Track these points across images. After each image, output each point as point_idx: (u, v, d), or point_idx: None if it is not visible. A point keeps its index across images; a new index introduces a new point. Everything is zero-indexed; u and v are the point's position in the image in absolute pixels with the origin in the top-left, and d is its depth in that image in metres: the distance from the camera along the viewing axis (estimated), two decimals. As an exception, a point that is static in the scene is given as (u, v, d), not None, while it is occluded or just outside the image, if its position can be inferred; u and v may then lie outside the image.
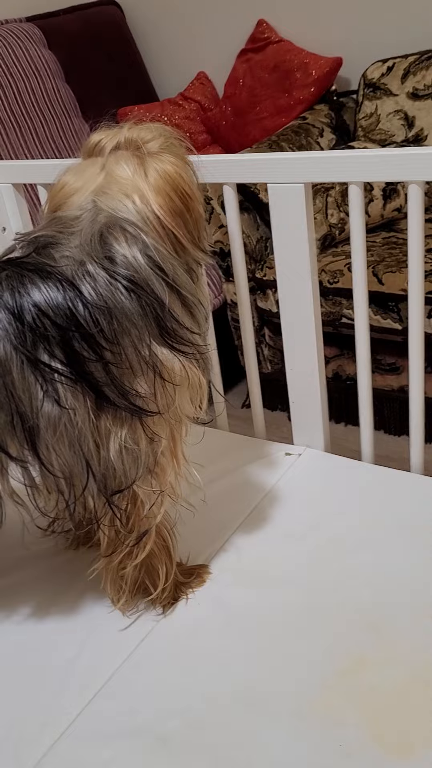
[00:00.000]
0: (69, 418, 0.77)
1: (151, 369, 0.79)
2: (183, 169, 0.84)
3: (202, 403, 0.87)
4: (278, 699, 0.80)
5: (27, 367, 0.76)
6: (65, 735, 0.80)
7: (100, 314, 0.76)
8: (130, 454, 0.81)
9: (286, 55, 2.33)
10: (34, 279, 0.77)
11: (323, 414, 1.20)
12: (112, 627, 0.92)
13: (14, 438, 0.79)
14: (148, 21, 2.66)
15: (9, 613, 0.97)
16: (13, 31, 2.24)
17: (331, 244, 2.00)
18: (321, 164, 1.02)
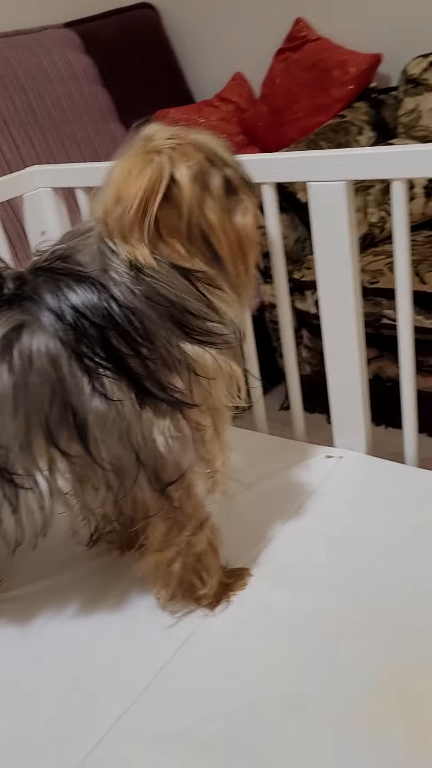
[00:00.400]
0: (117, 410, 0.80)
1: (184, 366, 0.81)
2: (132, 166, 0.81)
3: (239, 392, 0.88)
4: (322, 705, 0.79)
5: (75, 362, 0.79)
6: (108, 736, 0.80)
7: (131, 314, 0.79)
8: (177, 442, 0.83)
9: (324, 53, 2.31)
10: (69, 282, 0.80)
11: (365, 416, 1.19)
12: (154, 629, 0.92)
13: (66, 432, 0.81)
14: (184, 23, 2.66)
15: (52, 614, 0.98)
16: (51, 38, 2.27)
17: (371, 243, 1.97)
18: (362, 161, 1.00)
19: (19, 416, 0.79)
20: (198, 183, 0.81)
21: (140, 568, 0.92)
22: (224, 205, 0.84)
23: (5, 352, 0.78)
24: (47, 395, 0.79)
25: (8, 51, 2.11)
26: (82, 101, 2.27)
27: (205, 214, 0.82)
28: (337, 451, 1.21)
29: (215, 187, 0.83)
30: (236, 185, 0.85)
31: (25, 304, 0.80)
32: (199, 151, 0.83)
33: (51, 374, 0.78)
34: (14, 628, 0.96)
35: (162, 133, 0.83)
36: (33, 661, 0.91)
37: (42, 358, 0.78)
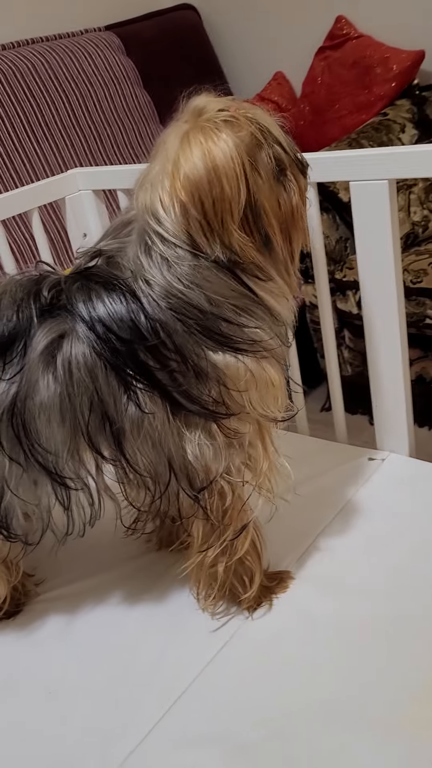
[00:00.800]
0: (150, 420, 0.80)
1: (214, 379, 0.80)
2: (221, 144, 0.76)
3: (278, 402, 0.85)
4: (364, 711, 0.78)
5: (110, 373, 0.79)
6: (149, 736, 0.80)
7: (159, 327, 0.78)
8: (209, 450, 0.82)
9: (366, 50, 2.29)
10: (99, 292, 0.80)
11: (408, 418, 1.17)
12: (195, 630, 0.92)
13: (105, 439, 0.82)
14: (224, 23, 2.66)
15: (94, 613, 0.98)
16: (92, 41, 2.28)
17: (414, 242, 1.94)
18: (405, 159, 0.98)
19: (66, 424, 0.81)
20: (249, 159, 0.78)
21: (183, 568, 0.92)
22: (273, 184, 0.80)
23: (50, 362, 0.79)
24: (86, 404, 0.79)
25: (50, 55, 2.14)
26: (122, 103, 2.29)
27: (255, 193, 0.78)
28: (380, 453, 1.19)
29: (264, 165, 0.79)
30: (285, 164, 0.81)
31: (62, 314, 0.80)
32: (250, 125, 0.79)
33: (89, 384, 0.79)
34: (57, 627, 0.97)
35: (213, 105, 0.80)
36: (75, 661, 0.92)
37: (80, 368, 0.79)
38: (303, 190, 0.84)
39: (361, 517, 1.05)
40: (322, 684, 0.82)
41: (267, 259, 0.81)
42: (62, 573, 1.05)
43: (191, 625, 0.92)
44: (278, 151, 0.81)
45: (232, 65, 2.70)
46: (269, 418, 0.85)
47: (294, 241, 0.84)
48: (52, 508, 0.86)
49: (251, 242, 0.79)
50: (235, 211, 0.77)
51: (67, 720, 0.84)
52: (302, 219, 0.85)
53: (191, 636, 0.91)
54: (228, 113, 0.78)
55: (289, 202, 0.82)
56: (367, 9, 2.31)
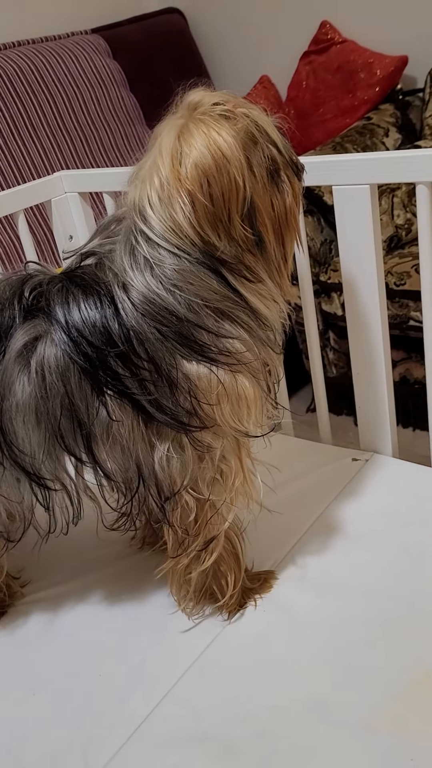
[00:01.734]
0: (119, 427, 0.80)
1: (185, 389, 0.79)
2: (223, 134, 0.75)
3: (251, 417, 0.82)
4: (347, 710, 0.79)
5: (83, 377, 0.79)
6: (132, 739, 0.80)
7: (133, 334, 0.77)
8: (176, 462, 0.82)
9: (350, 55, 2.30)
10: (77, 295, 0.79)
11: (391, 419, 1.18)
12: (178, 632, 0.92)
13: (76, 443, 0.82)
14: (210, 27, 2.67)
15: (78, 615, 0.99)
16: (79, 43, 2.29)
17: (398, 245, 1.96)
18: (387, 165, 1.00)
19: (41, 426, 0.81)
20: (245, 154, 0.76)
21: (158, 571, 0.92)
22: (267, 184, 0.79)
23: (25, 364, 0.79)
24: (58, 407, 0.79)
25: (36, 57, 2.14)
26: (109, 106, 2.29)
27: (249, 190, 0.76)
28: (364, 454, 1.20)
29: (258, 163, 0.78)
30: (279, 165, 0.80)
31: (39, 316, 0.80)
32: (246, 119, 0.77)
33: (60, 387, 0.79)
34: (40, 629, 0.97)
35: (209, 99, 0.78)
36: (59, 662, 0.92)
37: (52, 371, 0.79)
38: (297, 192, 0.83)
39: (345, 517, 1.06)
40: (305, 683, 0.83)
41: (258, 259, 0.80)
42: (46, 574, 1.06)
43: (176, 625, 0.93)
44: (273, 151, 0.80)
45: (217, 69, 2.71)
46: (242, 432, 0.83)
47: (287, 243, 0.83)
48: (34, 506, 0.86)
49: (244, 242, 0.78)
50: (240, 200, 0.76)
51: (50, 722, 0.84)
52: (295, 221, 0.84)
53: (175, 637, 0.92)
54: (224, 107, 0.77)
55: (283, 203, 0.81)
56: (351, 15, 2.33)
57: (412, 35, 2.25)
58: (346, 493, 1.11)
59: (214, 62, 2.71)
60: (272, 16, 2.51)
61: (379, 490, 1.12)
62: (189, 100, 0.79)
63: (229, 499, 0.85)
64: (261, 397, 0.82)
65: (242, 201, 0.75)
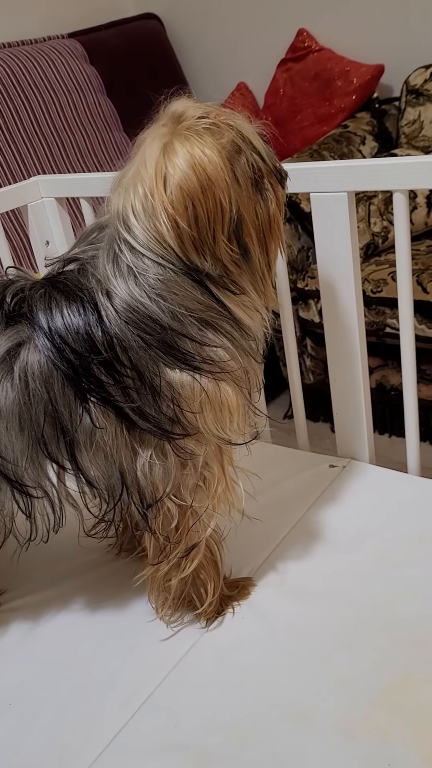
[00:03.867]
0: (102, 434, 0.80)
1: (168, 397, 0.78)
2: (208, 153, 0.74)
3: (234, 425, 0.82)
4: (324, 715, 0.79)
5: (67, 384, 0.78)
6: (109, 748, 0.80)
7: (117, 341, 0.77)
8: (159, 469, 0.81)
9: (327, 63, 2.32)
10: (60, 302, 0.79)
11: (367, 425, 1.19)
12: (156, 640, 0.92)
13: (59, 450, 0.81)
14: (188, 33, 2.67)
15: (54, 624, 0.98)
16: (55, 48, 2.28)
17: (374, 252, 1.98)
18: (364, 172, 1.01)
19: (24, 433, 0.80)
20: (231, 167, 0.76)
21: (137, 578, 0.91)
22: (251, 193, 0.78)
23: (8, 370, 0.79)
24: (41, 414, 0.79)
25: (12, 61, 2.13)
26: (86, 111, 2.28)
27: (236, 202, 0.76)
28: (341, 460, 1.21)
29: (243, 173, 0.77)
30: (263, 173, 0.80)
31: (22, 322, 0.79)
32: (230, 131, 0.77)
33: (43, 394, 0.78)
34: (16, 638, 0.96)
35: (193, 111, 0.77)
36: (34, 672, 0.91)
37: (35, 378, 0.78)
38: (280, 200, 0.83)
39: (323, 523, 1.07)
40: (283, 689, 0.83)
41: (243, 271, 0.79)
42: (24, 583, 1.04)
43: (153, 633, 0.92)
44: (256, 159, 0.79)
45: (195, 75, 2.72)
46: (225, 440, 0.83)
47: (271, 250, 0.83)
48: (15, 514, 0.86)
49: (230, 253, 0.77)
50: (226, 222, 0.75)
51: (26, 731, 0.84)
52: (279, 228, 0.83)
53: (153, 644, 0.91)
54: (208, 120, 0.76)
55: (266, 211, 0.81)
56: (328, 23, 2.35)
57: (388, 44, 2.27)
58: (323, 500, 1.11)
59: (191, 69, 2.71)
60: (249, 23, 2.52)
61: (357, 496, 1.12)
62: (172, 110, 0.78)
63: (211, 506, 0.85)
64: (243, 404, 0.82)
65: (228, 221, 0.75)
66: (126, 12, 2.64)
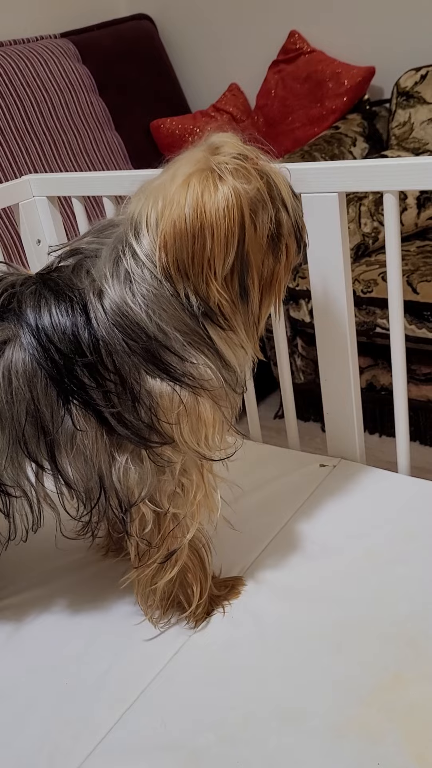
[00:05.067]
0: (81, 437, 0.80)
1: (147, 405, 0.79)
2: (218, 197, 0.73)
3: (209, 441, 0.82)
4: (314, 715, 0.79)
5: (50, 383, 0.78)
6: (98, 748, 0.79)
7: (102, 344, 0.77)
8: (134, 474, 0.81)
9: (318, 65, 2.33)
10: (49, 300, 0.79)
11: (358, 425, 1.19)
12: (145, 640, 0.92)
13: (39, 450, 0.81)
14: (180, 34, 2.68)
15: (43, 624, 0.97)
16: (48, 47, 2.28)
17: (365, 253, 1.98)
18: (355, 173, 1.01)
19: (5, 432, 0.80)
20: (251, 211, 0.76)
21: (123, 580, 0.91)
22: (265, 244, 0.79)
23: None
24: (23, 413, 0.79)
25: (4, 60, 2.12)
26: (78, 110, 2.28)
27: (248, 245, 0.76)
28: (331, 459, 1.21)
29: (263, 222, 0.77)
30: (284, 230, 0.80)
31: (9, 318, 0.79)
32: (259, 180, 0.76)
33: (26, 393, 0.78)
34: (4, 638, 0.96)
35: (230, 148, 0.77)
36: (24, 672, 0.91)
37: (19, 376, 0.78)
38: (290, 263, 0.83)
39: (313, 522, 1.07)
40: (273, 688, 0.83)
41: (238, 311, 0.79)
42: (10, 583, 1.04)
43: (143, 634, 0.92)
44: (282, 215, 0.79)
45: (187, 76, 2.72)
46: (199, 454, 0.82)
47: (264, 305, 0.83)
48: None
49: (228, 293, 0.77)
50: (218, 268, 0.75)
51: (16, 731, 0.83)
52: (279, 288, 0.84)
53: (142, 645, 0.91)
54: (239, 162, 0.75)
55: (273, 268, 0.81)
56: (320, 25, 2.36)
57: (379, 46, 2.28)
58: (313, 499, 1.12)
59: (183, 69, 2.72)
60: (241, 24, 2.53)
61: (347, 495, 1.12)
62: (212, 140, 0.78)
63: (190, 513, 0.85)
64: (221, 421, 0.82)
65: (222, 266, 0.75)
66: (118, 12, 2.64)
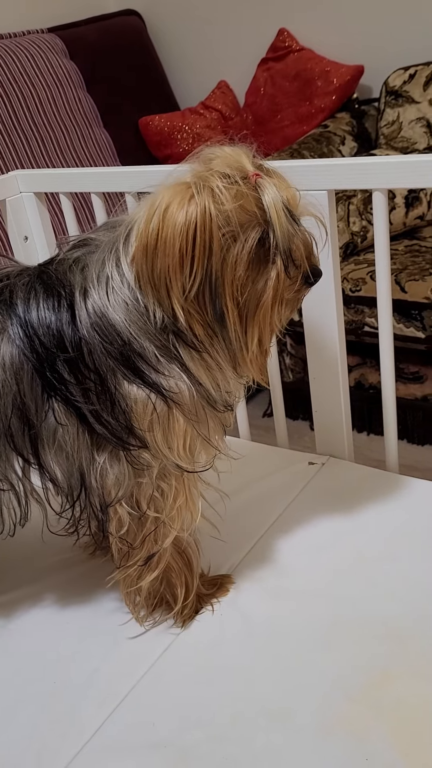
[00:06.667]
0: (63, 433, 0.80)
1: (122, 409, 0.78)
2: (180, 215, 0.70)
3: (179, 451, 0.80)
4: (302, 713, 0.79)
5: (35, 376, 0.78)
6: (86, 747, 0.79)
7: (84, 343, 0.77)
8: (111, 475, 0.81)
9: (307, 63, 2.33)
10: (39, 293, 0.79)
11: (346, 423, 1.19)
12: (133, 638, 0.91)
13: (25, 443, 0.81)
14: (169, 31, 2.67)
15: (31, 622, 0.97)
16: (35, 42, 2.26)
17: (353, 252, 1.99)
18: (344, 171, 1.01)
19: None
20: (228, 232, 0.72)
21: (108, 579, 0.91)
22: (243, 267, 0.74)
23: None
24: (9, 405, 0.79)
25: (-8, 55, 2.11)
26: (65, 106, 2.27)
27: (211, 269, 0.73)
28: (320, 458, 1.21)
29: (245, 245, 0.73)
30: (272, 252, 0.75)
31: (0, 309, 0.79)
32: (245, 199, 0.72)
33: (13, 385, 0.78)
34: (-7, 636, 0.96)
35: (219, 163, 0.73)
36: (12, 670, 0.91)
37: (6, 368, 0.78)
38: (277, 291, 0.77)
39: (302, 520, 1.07)
40: (261, 687, 0.83)
41: (215, 335, 0.77)
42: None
43: (131, 632, 0.92)
44: (269, 239, 0.74)
45: (176, 73, 2.71)
46: (171, 462, 0.81)
47: (249, 333, 0.78)
48: None
49: (200, 314, 0.75)
50: (176, 286, 0.73)
51: (3, 730, 0.83)
52: (264, 316, 0.78)
53: (130, 643, 0.91)
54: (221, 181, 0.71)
55: (255, 294, 0.76)
56: (309, 23, 2.36)
57: (368, 45, 2.29)
58: (302, 496, 1.12)
59: (172, 66, 2.71)
60: (230, 21, 2.52)
61: (335, 493, 1.13)
62: (206, 153, 0.75)
63: (170, 518, 0.84)
64: (193, 436, 0.81)
65: (181, 283, 0.72)
66: (106, 8, 2.63)
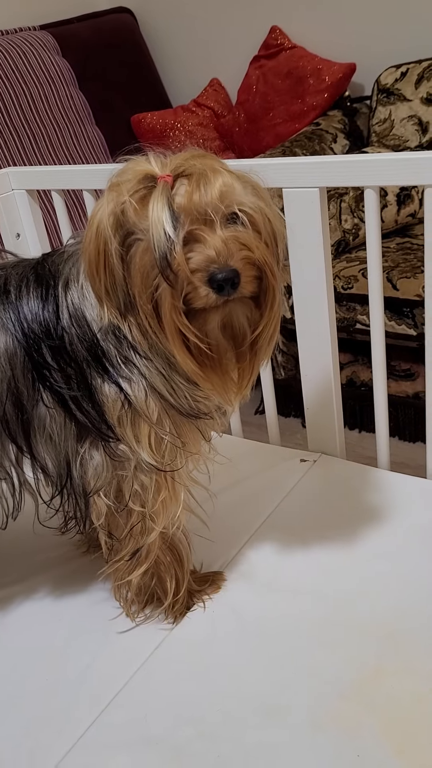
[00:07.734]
0: (50, 420, 0.81)
1: (96, 399, 0.79)
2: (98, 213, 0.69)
3: (148, 448, 0.79)
4: (294, 709, 0.79)
5: (27, 363, 0.80)
6: (79, 744, 0.79)
7: (66, 333, 0.79)
8: (90, 466, 0.82)
9: (299, 61, 2.33)
10: (30, 285, 0.81)
11: (338, 420, 1.19)
12: (126, 635, 0.91)
13: (18, 430, 0.82)
14: (161, 28, 2.66)
15: (24, 618, 0.97)
16: (27, 39, 2.26)
17: (345, 249, 1.99)
18: (336, 168, 1.01)
19: None
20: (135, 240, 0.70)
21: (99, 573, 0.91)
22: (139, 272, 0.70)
23: None
24: (5, 391, 0.80)
25: (-17, 52, 2.10)
26: (57, 103, 2.26)
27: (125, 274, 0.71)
28: (312, 455, 1.21)
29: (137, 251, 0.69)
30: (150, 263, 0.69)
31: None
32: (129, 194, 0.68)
33: (7, 371, 0.80)
34: (-14, 634, 0.96)
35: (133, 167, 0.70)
36: (4, 667, 0.91)
37: (1, 354, 0.80)
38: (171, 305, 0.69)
39: (293, 517, 1.07)
40: (253, 683, 0.83)
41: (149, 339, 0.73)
42: (-8, 578, 1.04)
43: (123, 628, 0.92)
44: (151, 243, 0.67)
45: (168, 70, 2.71)
46: (140, 458, 0.80)
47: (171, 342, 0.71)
48: None
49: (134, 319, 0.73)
50: (99, 288, 0.72)
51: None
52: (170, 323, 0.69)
53: (123, 640, 0.91)
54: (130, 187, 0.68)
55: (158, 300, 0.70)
56: (301, 21, 2.36)
57: (360, 43, 2.29)
58: (294, 494, 1.12)
59: (164, 63, 2.71)
60: (222, 19, 2.52)
61: (327, 490, 1.13)
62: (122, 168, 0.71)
63: (153, 512, 0.83)
64: (158, 440, 0.80)
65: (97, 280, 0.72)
66: (99, 5, 2.62)
